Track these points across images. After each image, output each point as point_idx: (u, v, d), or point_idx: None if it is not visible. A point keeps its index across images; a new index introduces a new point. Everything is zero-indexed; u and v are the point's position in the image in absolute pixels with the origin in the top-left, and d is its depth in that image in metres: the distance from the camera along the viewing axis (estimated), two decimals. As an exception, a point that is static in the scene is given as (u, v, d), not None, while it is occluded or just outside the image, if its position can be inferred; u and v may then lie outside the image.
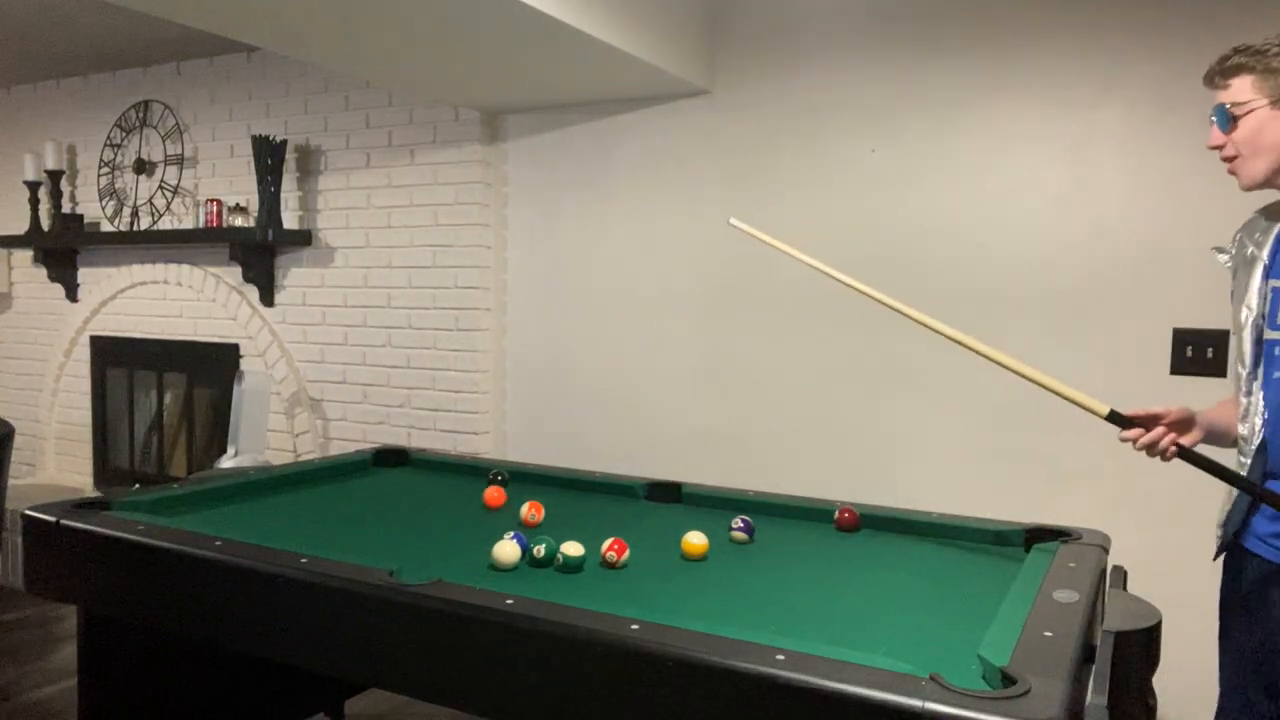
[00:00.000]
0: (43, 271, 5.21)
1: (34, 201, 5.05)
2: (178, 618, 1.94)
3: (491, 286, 3.96)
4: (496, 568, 1.85)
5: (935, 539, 2.18)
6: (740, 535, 2.12)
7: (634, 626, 1.40)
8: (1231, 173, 1.72)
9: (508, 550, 1.86)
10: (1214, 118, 1.71)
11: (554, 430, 3.87)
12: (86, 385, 5.16)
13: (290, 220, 4.35)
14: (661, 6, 3.14)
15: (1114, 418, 1.71)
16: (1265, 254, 1.73)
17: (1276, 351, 1.72)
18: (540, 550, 1.88)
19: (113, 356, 5.06)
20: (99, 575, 2.03)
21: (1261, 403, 1.72)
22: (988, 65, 3.01)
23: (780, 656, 1.28)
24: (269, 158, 4.23)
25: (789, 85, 3.35)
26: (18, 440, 5.05)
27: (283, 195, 4.31)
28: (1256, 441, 1.72)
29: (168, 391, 4.94)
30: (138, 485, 2.73)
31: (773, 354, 3.42)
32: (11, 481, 1.93)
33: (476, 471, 2.85)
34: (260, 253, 4.37)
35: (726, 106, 3.46)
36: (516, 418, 3.98)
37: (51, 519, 2.07)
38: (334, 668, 1.74)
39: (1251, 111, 1.66)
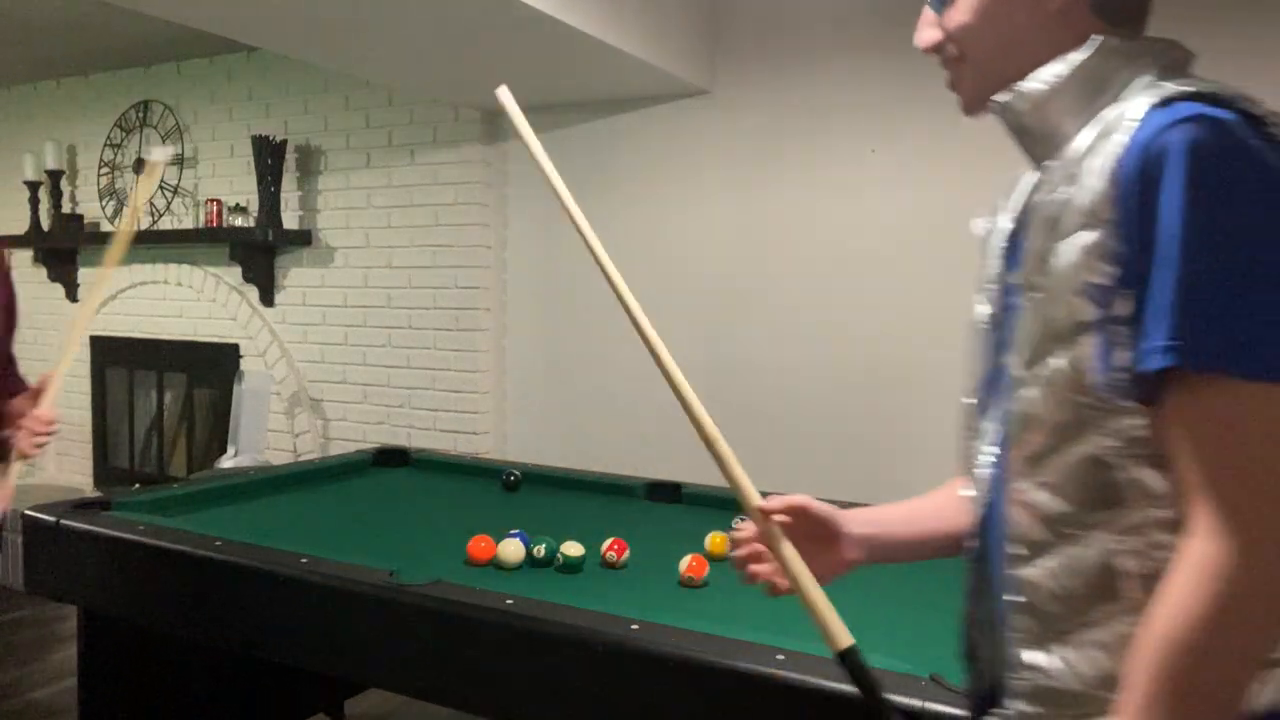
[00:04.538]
0: (43, 271, 5.21)
1: (34, 201, 5.05)
2: (178, 618, 1.94)
3: (491, 286, 3.96)
4: (501, 566, 1.86)
5: (935, 539, 2.18)
6: (740, 535, 2.11)
7: (634, 626, 1.40)
8: (952, 87, 1.01)
9: (513, 549, 1.87)
10: None
11: (554, 430, 3.87)
12: (86, 385, 5.16)
13: (290, 220, 4.35)
14: (661, 6, 3.14)
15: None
16: (1006, 223, 1.00)
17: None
18: (540, 550, 1.88)
19: (113, 356, 5.06)
20: (99, 575, 2.03)
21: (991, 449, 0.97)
22: (988, 65, 3.01)
23: (780, 656, 1.28)
24: (269, 158, 4.23)
25: (789, 85, 3.35)
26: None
27: (283, 195, 4.31)
28: (980, 512, 0.99)
29: (168, 391, 4.94)
30: (138, 485, 2.73)
31: (773, 353, 3.41)
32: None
33: (477, 471, 2.84)
34: (260, 253, 4.37)
35: (726, 106, 3.46)
36: (516, 418, 3.98)
37: (51, 519, 2.07)
38: (334, 668, 1.74)
39: None
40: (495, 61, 3.12)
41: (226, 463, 4.02)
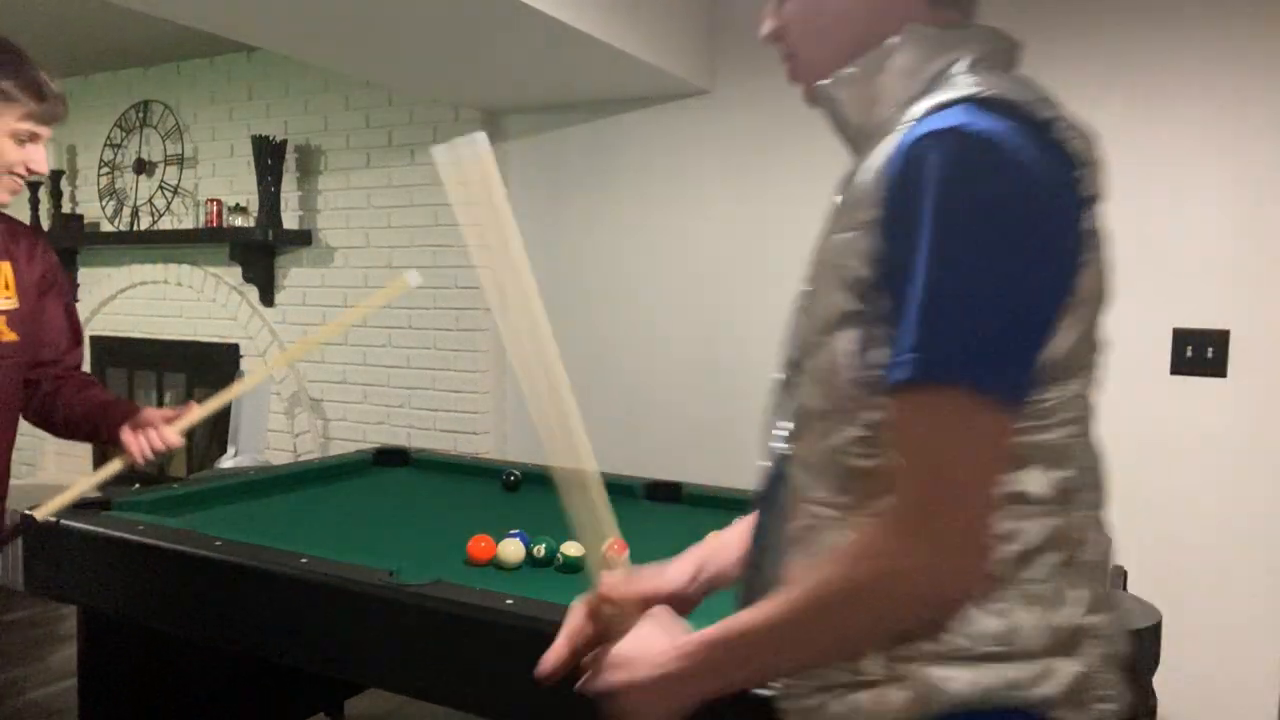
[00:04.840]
0: (43, 271, 5.21)
1: (34, 201, 5.04)
2: (178, 618, 1.94)
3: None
4: (501, 566, 1.86)
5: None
6: (740, 535, 2.11)
7: (634, 626, 1.40)
8: (792, 78, 1.12)
9: (513, 549, 1.87)
10: None
11: (554, 430, 3.86)
12: (86, 385, 5.16)
13: (290, 220, 4.35)
14: (661, 6, 3.14)
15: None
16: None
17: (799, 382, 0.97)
18: (540, 550, 1.88)
19: (113, 356, 5.06)
20: (99, 575, 2.03)
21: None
22: (988, 65, 3.01)
23: (780, 656, 1.28)
24: (269, 158, 4.23)
25: (789, 85, 3.34)
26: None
27: (283, 195, 4.31)
28: (762, 486, 1.09)
29: (168, 391, 4.94)
30: (138, 485, 2.73)
31: (773, 353, 3.41)
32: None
33: (478, 471, 2.84)
34: (260, 253, 4.37)
35: (727, 106, 3.46)
36: (517, 417, 3.98)
37: (52, 519, 2.07)
38: (334, 668, 1.74)
39: None
40: (495, 61, 3.12)
41: (226, 463, 4.02)
